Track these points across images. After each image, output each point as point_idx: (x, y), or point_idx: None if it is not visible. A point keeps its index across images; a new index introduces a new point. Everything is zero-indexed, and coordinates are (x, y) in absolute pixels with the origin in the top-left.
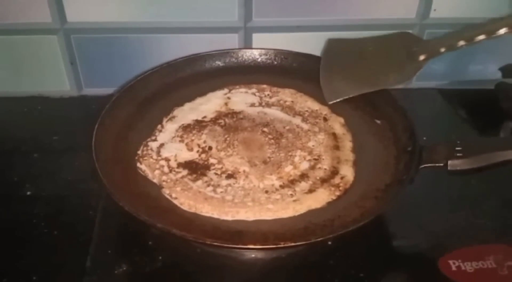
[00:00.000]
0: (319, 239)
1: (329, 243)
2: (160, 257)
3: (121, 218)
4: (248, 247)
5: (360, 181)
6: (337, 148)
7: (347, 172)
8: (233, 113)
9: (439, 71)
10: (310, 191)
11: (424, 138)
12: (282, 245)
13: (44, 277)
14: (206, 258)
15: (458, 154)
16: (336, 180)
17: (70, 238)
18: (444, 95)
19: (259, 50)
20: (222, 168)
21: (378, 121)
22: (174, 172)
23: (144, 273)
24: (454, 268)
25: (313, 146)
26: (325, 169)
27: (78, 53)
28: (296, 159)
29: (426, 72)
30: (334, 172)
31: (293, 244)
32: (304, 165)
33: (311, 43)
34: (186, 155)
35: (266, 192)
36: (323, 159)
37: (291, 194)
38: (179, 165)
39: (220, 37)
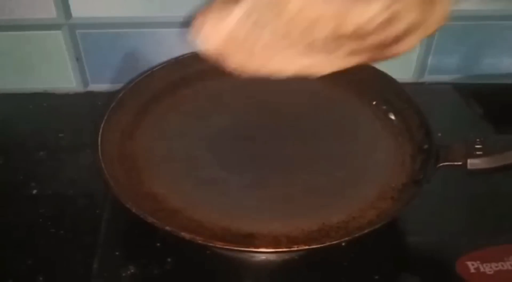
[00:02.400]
0: (333, 242)
1: (343, 244)
2: (169, 259)
3: (129, 218)
4: (260, 251)
5: (375, 180)
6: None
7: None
8: None
9: (453, 65)
10: None
11: (439, 134)
12: (295, 248)
13: (50, 279)
14: (216, 260)
15: (478, 152)
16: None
17: (76, 238)
18: (459, 90)
19: None
20: None
21: (392, 117)
22: None
23: (152, 276)
24: (472, 270)
25: None
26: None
27: (84, 49)
28: None
29: (439, 66)
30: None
31: (306, 247)
32: None
33: None
34: None
35: None
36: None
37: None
38: None
39: None
